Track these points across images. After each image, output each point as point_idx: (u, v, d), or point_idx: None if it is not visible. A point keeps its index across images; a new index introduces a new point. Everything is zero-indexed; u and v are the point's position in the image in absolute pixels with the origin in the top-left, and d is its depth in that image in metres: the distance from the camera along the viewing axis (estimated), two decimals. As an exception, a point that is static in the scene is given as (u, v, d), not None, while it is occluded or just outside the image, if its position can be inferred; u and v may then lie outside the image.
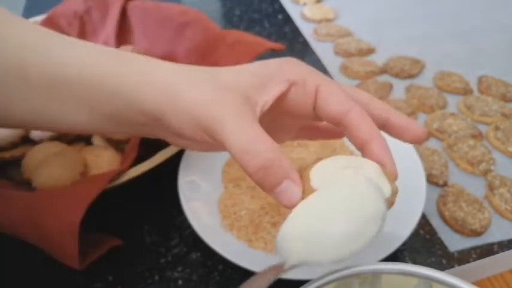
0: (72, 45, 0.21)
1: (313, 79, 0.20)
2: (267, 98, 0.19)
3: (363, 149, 0.19)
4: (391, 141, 0.34)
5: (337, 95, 0.20)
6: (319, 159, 0.19)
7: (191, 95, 0.18)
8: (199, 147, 0.23)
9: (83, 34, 0.43)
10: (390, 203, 0.18)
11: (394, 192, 0.18)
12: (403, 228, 0.27)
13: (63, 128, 0.22)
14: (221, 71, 0.20)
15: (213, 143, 0.19)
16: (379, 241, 0.27)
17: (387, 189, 0.17)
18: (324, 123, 0.24)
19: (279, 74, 0.20)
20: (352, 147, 0.34)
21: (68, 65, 0.20)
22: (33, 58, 0.20)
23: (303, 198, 0.17)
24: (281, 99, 0.20)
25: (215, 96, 0.18)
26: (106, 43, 0.41)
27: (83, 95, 0.20)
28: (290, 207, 0.17)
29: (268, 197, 0.30)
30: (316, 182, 0.17)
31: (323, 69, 0.46)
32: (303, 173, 0.18)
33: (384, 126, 0.21)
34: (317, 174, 0.18)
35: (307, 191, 0.17)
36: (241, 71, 0.20)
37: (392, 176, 0.19)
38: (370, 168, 0.18)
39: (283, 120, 0.22)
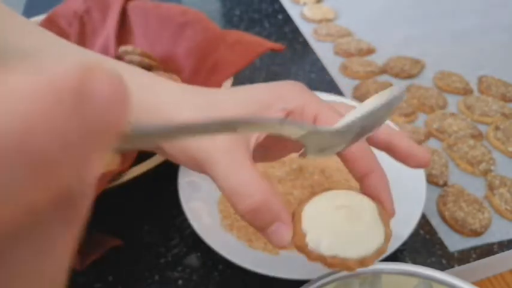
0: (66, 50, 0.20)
1: (312, 107, 0.19)
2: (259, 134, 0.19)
3: (361, 182, 0.19)
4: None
5: (336, 122, 0.19)
6: (313, 194, 0.19)
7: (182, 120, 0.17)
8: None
9: (82, 34, 0.43)
10: (381, 250, 0.17)
11: (387, 238, 0.17)
12: (403, 228, 0.27)
13: None
14: (219, 96, 0.19)
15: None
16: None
17: (380, 238, 0.17)
18: None
19: (277, 102, 0.19)
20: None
21: None
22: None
23: (293, 240, 0.17)
24: None
25: None
26: (106, 43, 0.41)
27: None
28: (280, 247, 0.17)
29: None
30: (307, 225, 0.17)
31: (323, 69, 0.46)
32: (296, 209, 0.18)
33: (387, 149, 0.21)
34: (309, 215, 0.17)
35: (297, 233, 0.17)
36: (238, 99, 0.19)
37: (388, 216, 0.18)
38: (366, 209, 0.17)
39: (279, 144, 0.21)
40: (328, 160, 0.33)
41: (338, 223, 0.17)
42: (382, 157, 0.32)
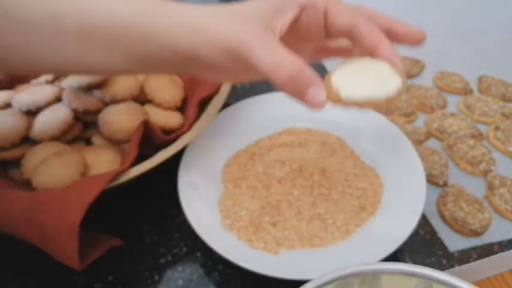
0: None
1: (322, 0, 0.23)
2: (283, 21, 0.22)
3: (374, 54, 0.22)
4: (392, 143, 0.34)
5: (345, 11, 0.22)
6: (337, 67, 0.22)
7: (221, 28, 0.21)
8: (226, 77, 0.25)
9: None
10: (401, 91, 0.21)
11: (404, 82, 0.22)
12: (403, 228, 0.27)
13: (98, 72, 0.25)
14: (238, 5, 0.22)
15: (241, 70, 0.21)
16: (379, 241, 0.27)
17: (398, 83, 0.21)
18: (334, 43, 0.27)
19: (289, 0, 0.22)
20: (352, 147, 0.34)
21: (99, 12, 0.21)
22: (63, 9, 0.21)
23: (327, 100, 0.20)
24: (294, 23, 0.23)
25: (241, 26, 0.21)
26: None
27: (117, 40, 0.22)
28: (319, 109, 0.20)
29: (268, 197, 0.30)
30: (338, 82, 0.21)
31: (323, 69, 0.46)
32: (326, 77, 0.22)
33: (387, 33, 0.24)
34: (338, 76, 0.21)
35: (331, 91, 0.21)
36: (255, 2, 0.22)
37: (401, 71, 0.22)
38: (383, 66, 0.22)
39: (297, 44, 0.24)
40: (328, 161, 0.33)
41: (364, 76, 0.21)
42: (384, 161, 0.33)
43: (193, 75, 0.25)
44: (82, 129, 0.33)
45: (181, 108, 0.36)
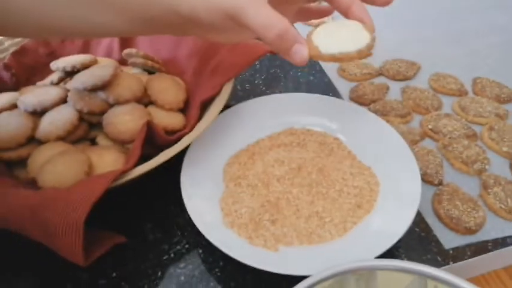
0: None
1: None
2: None
3: (347, 14, 0.26)
4: (388, 143, 0.35)
5: None
6: (315, 27, 0.26)
7: None
8: (223, 37, 0.27)
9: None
10: (370, 46, 0.25)
11: (373, 38, 0.25)
12: (398, 225, 0.27)
13: (103, 33, 0.27)
14: None
15: (236, 30, 0.24)
16: (375, 238, 0.27)
17: (368, 39, 0.25)
18: (314, 5, 0.31)
19: None
20: (349, 148, 0.35)
21: None
22: None
23: (309, 55, 0.24)
24: None
25: None
26: (110, 46, 0.42)
27: (124, 4, 0.24)
28: (301, 64, 0.24)
29: (267, 196, 0.31)
30: (317, 41, 0.25)
31: (321, 72, 0.47)
32: (307, 35, 0.25)
33: None
34: (317, 35, 0.25)
35: (312, 48, 0.24)
36: None
37: (371, 29, 0.25)
38: (356, 24, 0.25)
39: (282, 6, 0.26)
40: (325, 160, 0.34)
41: (339, 34, 0.25)
42: (380, 160, 0.33)
43: (194, 35, 0.27)
44: (87, 129, 0.34)
45: (183, 110, 0.36)
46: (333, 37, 0.25)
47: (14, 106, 0.34)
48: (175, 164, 0.31)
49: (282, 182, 0.32)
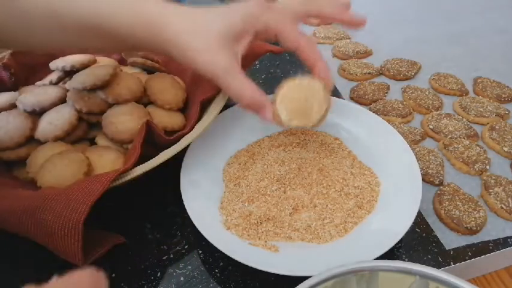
0: None
1: (273, 25, 0.28)
2: (241, 47, 0.28)
3: (312, 69, 0.30)
4: (389, 143, 0.34)
5: (291, 35, 0.29)
6: (281, 87, 0.30)
7: (194, 47, 0.27)
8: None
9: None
10: (321, 119, 0.29)
11: (326, 109, 0.29)
12: (399, 226, 0.27)
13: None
14: (205, 22, 0.27)
15: None
16: (376, 238, 0.27)
17: (322, 108, 0.29)
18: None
19: (246, 26, 0.28)
20: (349, 148, 0.35)
21: (96, 9, 0.26)
22: (63, 8, 0.26)
23: (274, 119, 0.28)
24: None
25: (212, 52, 0.26)
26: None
27: (111, 35, 0.27)
28: (267, 122, 0.28)
29: (268, 196, 0.31)
30: (281, 108, 0.29)
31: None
32: (275, 96, 0.29)
33: (336, 20, 0.31)
34: (281, 101, 0.29)
35: (275, 116, 0.29)
36: (218, 21, 0.27)
37: (329, 89, 0.30)
38: (318, 88, 0.29)
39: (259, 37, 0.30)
40: (326, 160, 0.34)
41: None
42: (381, 160, 0.33)
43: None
44: (86, 129, 0.34)
45: (183, 109, 0.36)
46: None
47: (13, 106, 0.34)
48: (175, 164, 0.31)
49: (282, 182, 0.32)
